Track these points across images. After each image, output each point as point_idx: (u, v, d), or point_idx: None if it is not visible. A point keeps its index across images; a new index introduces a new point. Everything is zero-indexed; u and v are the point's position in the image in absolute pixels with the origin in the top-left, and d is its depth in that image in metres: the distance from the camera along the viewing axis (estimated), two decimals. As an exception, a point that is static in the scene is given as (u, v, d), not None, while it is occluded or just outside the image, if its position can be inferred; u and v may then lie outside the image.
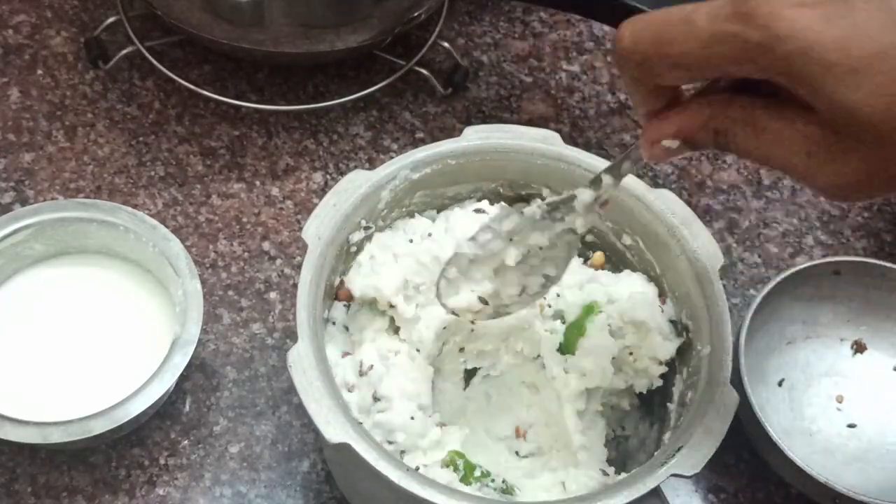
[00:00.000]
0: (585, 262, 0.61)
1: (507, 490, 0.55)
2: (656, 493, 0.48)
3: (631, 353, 0.56)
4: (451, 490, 0.48)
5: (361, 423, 0.51)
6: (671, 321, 0.57)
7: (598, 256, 0.61)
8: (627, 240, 0.59)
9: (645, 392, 0.58)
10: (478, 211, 0.58)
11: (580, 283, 0.58)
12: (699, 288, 0.55)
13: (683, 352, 0.56)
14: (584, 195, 0.48)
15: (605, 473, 0.54)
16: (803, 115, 0.35)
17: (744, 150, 0.38)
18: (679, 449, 0.49)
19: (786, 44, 0.33)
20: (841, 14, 0.32)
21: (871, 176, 0.35)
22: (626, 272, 0.59)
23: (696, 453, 0.49)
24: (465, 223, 0.56)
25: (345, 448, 0.47)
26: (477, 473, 0.54)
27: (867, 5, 0.32)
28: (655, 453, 0.52)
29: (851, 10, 0.32)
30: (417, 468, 0.51)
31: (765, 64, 0.34)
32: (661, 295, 0.58)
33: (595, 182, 0.48)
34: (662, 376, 0.57)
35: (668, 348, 0.56)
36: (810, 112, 0.35)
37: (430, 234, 0.57)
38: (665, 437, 0.54)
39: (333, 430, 0.48)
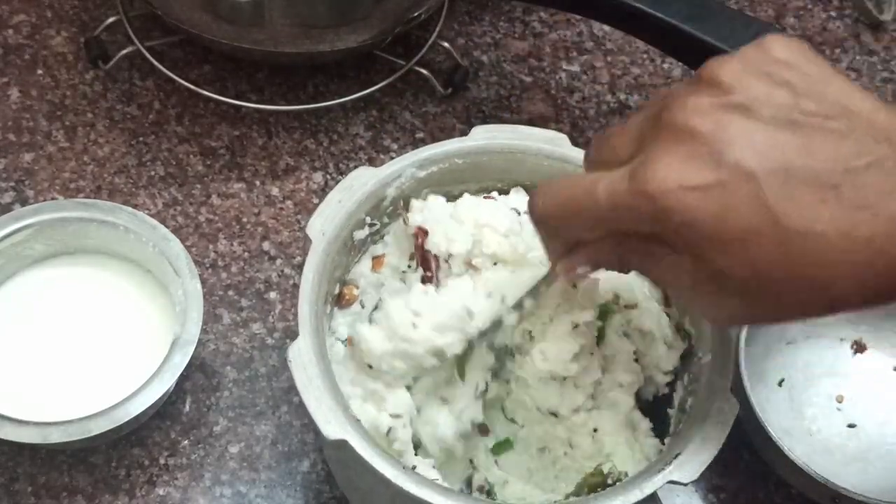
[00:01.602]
0: None
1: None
2: (653, 497, 0.48)
3: (637, 360, 0.56)
4: (446, 489, 0.48)
5: (360, 421, 0.51)
6: (675, 326, 0.57)
7: None
8: None
9: (651, 399, 0.57)
10: (487, 196, 0.58)
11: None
12: None
13: (685, 358, 0.56)
14: (509, 319, 0.53)
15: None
16: (690, 259, 0.40)
17: (644, 273, 0.46)
18: (676, 456, 0.49)
19: (674, 218, 0.39)
20: (718, 196, 0.38)
21: (744, 316, 0.43)
22: (633, 274, 0.58)
23: (693, 461, 0.48)
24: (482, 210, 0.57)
25: (342, 445, 0.47)
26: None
27: (740, 189, 0.38)
28: (653, 459, 0.52)
29: (727, 193, 0.38)
30: (414, 467, 0.51)
31: (657, 230, 0.40)
32: (667, 298, 0.57)
33: (517, 306, 0.52)
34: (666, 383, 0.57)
35: (671, 358, 0.56)
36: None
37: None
38: (664, 441, 0.54)
39: (332, 427, 0.48)
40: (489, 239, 0.54)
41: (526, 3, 0.80)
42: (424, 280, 0.54)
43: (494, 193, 0.59)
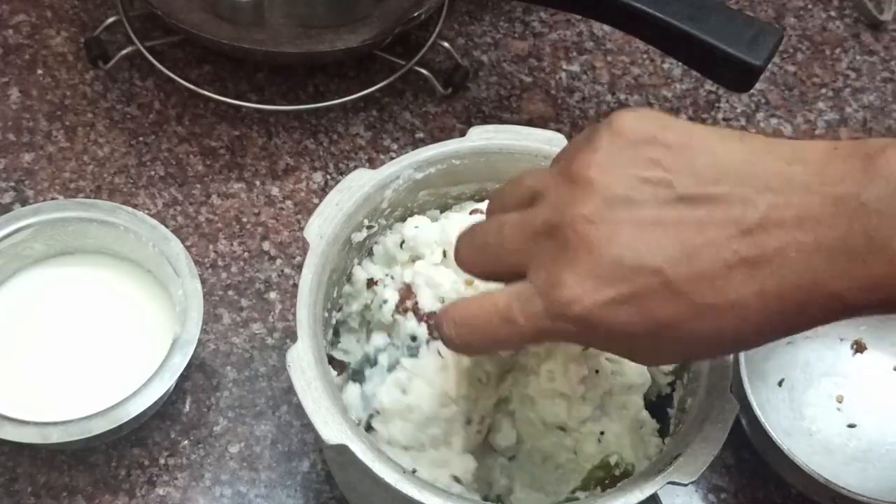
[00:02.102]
0: None
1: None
2: (653, 498, 0.48)
3: None
4: (447, 494, 0.48)
5: (359, 424, 0.51)
6: None
7: None
8: None
9: (654, 399, 0.57)
10: (474, 212, 0.58)
11: None
12: None
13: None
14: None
15: None
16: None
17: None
18: (677, 457, 0.49)
19: (599, 331, 0.40)
20: (634, 301, 0.39)
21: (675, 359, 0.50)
22: None
23: (693, 461, 0.48)
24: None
25: (342, 449, 0.47)
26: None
27: (651, 287, 0.39)
28: (653, 459, 0.52)
29: (641, 295, 0.39)
30: (414, 471, 0.51)
31: (585, 341, 0.44)
32: None
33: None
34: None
35: None
36: None
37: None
38: (664, 440, 0.54)
39: (331, 431, 0.48)
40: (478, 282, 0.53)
41: (526, 2, 0.80)
42: (431, 337, 0.53)
43: (483, 205, 0.58)
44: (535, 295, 0.41)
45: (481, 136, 0.58)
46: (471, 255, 0.46)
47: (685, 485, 0.48)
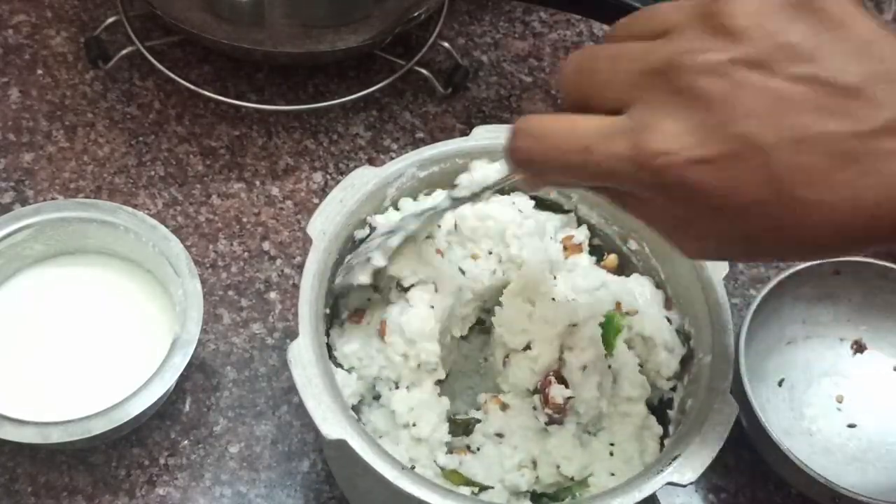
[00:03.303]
0: (599, 261, 0.60)
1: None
2: (652, 499, 0.48)
3: (640, 365, 0.56)
4: (445, 490, 0.48)
5: (359, 420, 0.51)
6: (676, 330, 0.57)
7: (612, 259, 0.60)
8: (633, 245, 0.59)
9: (656, 402, 0.57)
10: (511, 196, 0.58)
11: (592, 288, 0.57)
12: (702, 295, 0.55)
13: (685, 360, 0.56)
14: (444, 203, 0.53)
15: None
16: (682, 209, 0.39)
17: (621, 207, 0.42)
18: (676, 457, 0.49)
19: (679, 190, 0.37)
20: (726, 170, 0.36)
21: (719, 255, 0.43)
22: (635, 276, 0.58)
23: (692, 463, 0.49)
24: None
25: (341, 445, 0.47)
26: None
27: (750, 162, 0.36)
28: (652, 461, 0.52)
29: (736, 166, 0.36)
30: (413, 467, 0.51)
31: (658, 194, 0.38)
32: (667, 300, 0.57)
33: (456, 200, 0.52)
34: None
35: (672, 363, 0.56)
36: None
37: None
38: (664, 442, 0.54)
39: (330, 427, 0.48)
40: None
41: (526, 2, 0.80)
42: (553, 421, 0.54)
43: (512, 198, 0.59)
44: (624, 134, 0.38)
45: (485, 136, 0.58)
46: (575, 75, 0.41)
47: (684, 486, 0.48)
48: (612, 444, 0.54)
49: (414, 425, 0.53)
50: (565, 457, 0.53)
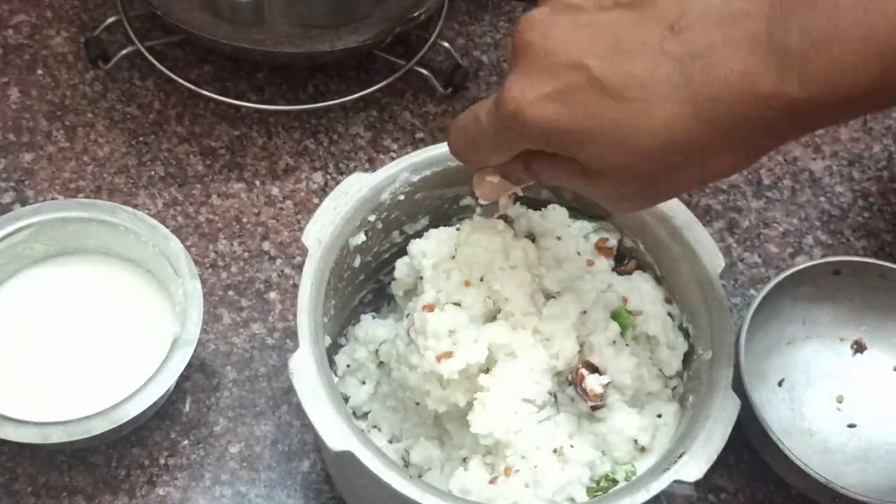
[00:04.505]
0: (618, 266, 0.59)
1: None
2: (658, 499, 0.48)
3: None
4: (453, 497, 0.48)
5: (363, 431, 0.50)
6: (678, 327, 0.57)
7: (633, 266, 0.59)
8: (628, 242, 0.59)
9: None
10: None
11: (599, 289, 0.56)
12: (700, 291, 0.55)
13: (685, 356, 0.56)
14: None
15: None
16: (569, 160, 0.43)
17: (553, 182, 0.46)
18: (681, 455, 0.49)
19: (536, 128, 0.41)
20: (564, 96, 0.40)
21: (622, 197, 0.44)
22: (637, 273, 0.58)
23: (698, 459, 0.49)
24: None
25: (347, 456, 0.47)
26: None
27: (578, 82, 0.40)
28: (656, 460, 0.52)
29: (570, 90, 0.40)
30: (420, 475, 0.51)
31: (534, 143, 0.43)
32: (666, 297, 0.57)
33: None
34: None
35: (675, 363, 0.56)
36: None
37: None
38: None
39: (335, 438, 0.48)
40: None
41: (526, 2, 0.80)
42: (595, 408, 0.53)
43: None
44: (491, 102, 0.43)
45: None
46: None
47: (691, 483, 0.48)
48: (658, 416, 0.54)
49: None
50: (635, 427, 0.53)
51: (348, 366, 0.59)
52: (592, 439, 0.53)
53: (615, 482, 0.52)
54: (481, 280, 0.53)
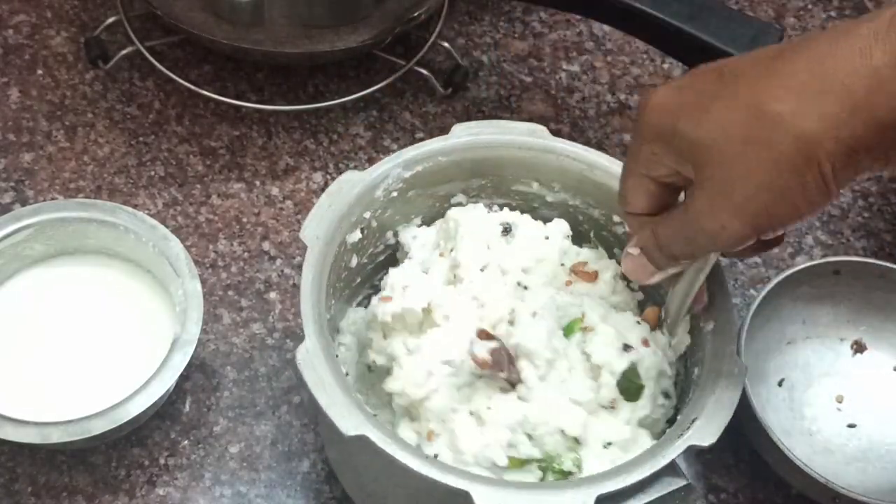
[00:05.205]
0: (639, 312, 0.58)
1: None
2: (672, 467, 0.48)
3: None
4: (472, 475, 0.48)
5: (376, 415, 0.51)
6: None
7: (651, 312, 0.57)
8: (621, 229, 0.59)
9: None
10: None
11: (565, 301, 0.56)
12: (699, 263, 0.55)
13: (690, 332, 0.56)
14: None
15: None
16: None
17: (669, 241, 0.49)
18: (694, 421, 0.49)
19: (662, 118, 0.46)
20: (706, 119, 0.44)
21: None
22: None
23: (710, 424, 0.49)
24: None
25: (361, 441, 0.47)
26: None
27: (728, 106, 0.44)
28: (668, 430, 0.52)
29: (708, 112, 0.44)
30: (436, 455, 0.51)
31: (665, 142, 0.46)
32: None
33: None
34: None
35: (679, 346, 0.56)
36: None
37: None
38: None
39: (349, 424, 0.48)
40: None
41: (526, 2, 0.80)
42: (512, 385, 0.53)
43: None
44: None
45: (465, 133, 0.59)
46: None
47: (706, 447, 0.49)
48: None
49: None
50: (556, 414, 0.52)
51: (337, 356, 0.59)
52: (513, 414, 0.52)
53: (564, 473, 0.51)
54: (451, 251, 0.56)
